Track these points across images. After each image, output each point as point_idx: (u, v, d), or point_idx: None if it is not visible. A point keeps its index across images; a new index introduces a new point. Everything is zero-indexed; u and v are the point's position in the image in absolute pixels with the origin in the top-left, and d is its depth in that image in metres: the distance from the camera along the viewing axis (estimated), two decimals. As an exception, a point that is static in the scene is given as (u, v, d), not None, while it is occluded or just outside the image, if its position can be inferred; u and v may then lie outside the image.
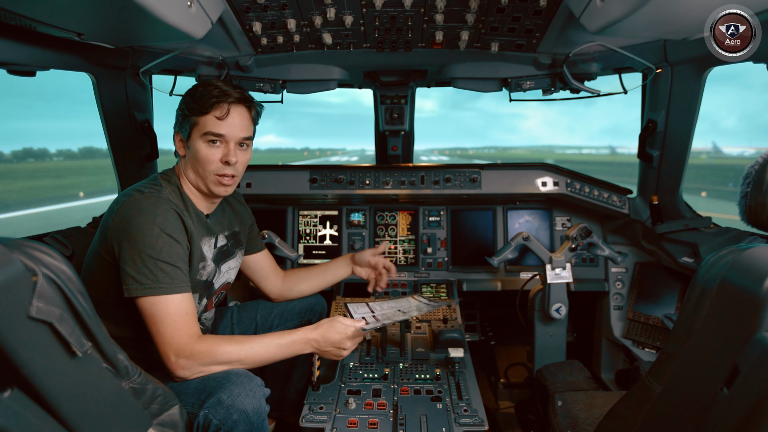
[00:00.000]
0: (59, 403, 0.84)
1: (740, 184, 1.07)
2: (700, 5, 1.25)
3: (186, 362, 1.44)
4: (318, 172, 2.73)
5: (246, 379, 1.42)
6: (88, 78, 2.14)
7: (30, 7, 1.28)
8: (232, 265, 1.90)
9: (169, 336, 1.45)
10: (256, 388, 1.42)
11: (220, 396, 1.36)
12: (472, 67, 2.24)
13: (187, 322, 1.48)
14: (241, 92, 1.67)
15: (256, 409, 1.39)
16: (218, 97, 1.60)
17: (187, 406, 1.38)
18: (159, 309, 1.45)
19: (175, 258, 1.50)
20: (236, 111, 1.64)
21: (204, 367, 1.47)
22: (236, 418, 1.35)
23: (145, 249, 1.44)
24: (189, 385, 1.45)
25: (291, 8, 1.78)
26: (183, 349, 1.44)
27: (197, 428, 1.35)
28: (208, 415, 1.34)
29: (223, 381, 1.41)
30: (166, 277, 1.46)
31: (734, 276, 0.93)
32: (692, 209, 2.34)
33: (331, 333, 1.65)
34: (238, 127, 1.64)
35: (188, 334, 1.47)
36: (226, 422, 1.35)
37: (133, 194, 1.53)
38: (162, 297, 1.45)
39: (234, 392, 1.37)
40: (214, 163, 1.62)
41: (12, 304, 0.75)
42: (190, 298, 1.53)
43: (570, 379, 2.16)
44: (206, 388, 1.41)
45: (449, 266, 2.88)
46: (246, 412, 1.36)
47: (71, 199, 17.46)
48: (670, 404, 1.10)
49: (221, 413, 1.34)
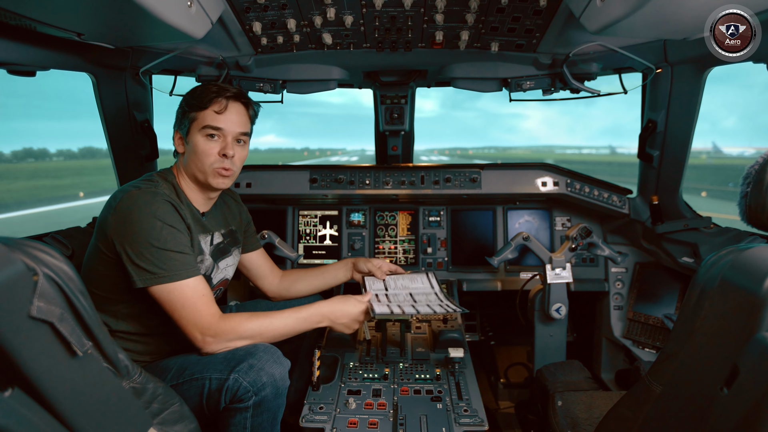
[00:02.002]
0: (60, 402, 0.84)
1: (740, 184, 1.07)
2: (700, 5, 1.25)
3: (212, 340, 1.53)
4: (318, 172, 2.73)
5: (272, 348, 1.54)
6: (88, 78, 2.14)
7: (30, 7, 1.28)
8: (229, 263, 1.92)
9: (192, 318, 1.52)
10: (281, 357, 1.53)
11: (250, 361, 1.46)
12: (472, 67, 2.24)
13: (207, 302, 1.55)
14: (239, 90, 1.74)
15: (282, 375, 1.50)
16: (216, 93, 1.67)
17: (215, 374, 1.46)
18: (177, 295, 1.51)
19: (181, 246, 1.55)
20: (234, 106, 1.70)
21: (229, 342, 1.55)
22: (265, 381, 1.45)
23: (150, 241, 1.48)
24: (217, 356, 1.53)
25: (291, 8, 1.78)
26: (208, 329, 1.52)
27: (226, 392, 1.44)
28: (239, 378, 1.43)
29: (251, 349, 1.51)
30: (177, 264, 1.51)
31: (734, 276, 0.93)
32: (692, 209, 2.34)
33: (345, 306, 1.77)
34: (236, 122, 1.70)
35: (210, 313, 1.54)
36: (255, 384, 1.44)
37: (129, 190, 1.56)
38: (177, 283, 1.51)
39: (263, 358, 1.48)
40: (212, 156, 1.67)
41: (13, 303, 0.75)
42: (203, 280, 1.59)
43: (570, 379, 2.16)
44: (235, 356, 1.49)
45: (449, 266, 2.88)
46: (274, 376, 1.47)
47: (71, 199, 17.45)
48: (670, 404, 1.10)
49: (252, 376, 1.44)
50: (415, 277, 2.20)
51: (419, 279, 2.19)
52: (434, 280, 2.19)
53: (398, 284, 2.13)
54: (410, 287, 2.12)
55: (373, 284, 2.11)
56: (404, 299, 1.97)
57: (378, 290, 2.06)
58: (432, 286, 2.14)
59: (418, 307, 1.89)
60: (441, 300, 2.00)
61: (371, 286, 2.08)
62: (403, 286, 2.12)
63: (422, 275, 2.22)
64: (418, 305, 1.92)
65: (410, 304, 1.92)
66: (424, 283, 2.16)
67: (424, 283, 2.15)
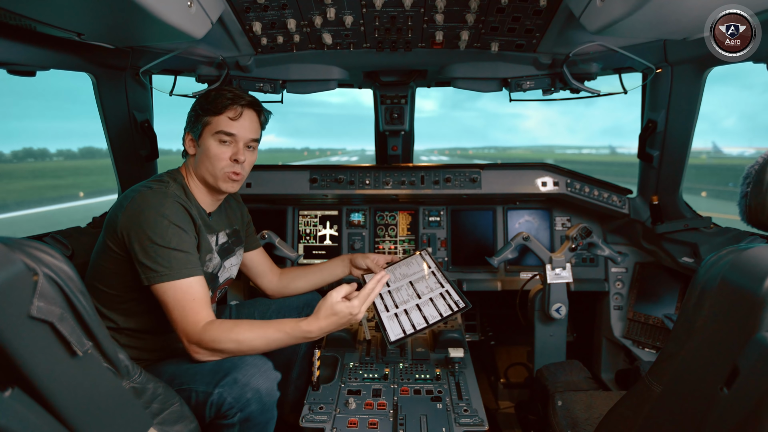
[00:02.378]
0: (60, 402, 0.84)
1: (740, 184, 1.07)
2: (700, 5, 1.24)
3: (196, 348, 1.51)
4: (318, 172, 2.73)
5: (260, 361, 1.49)
6: (88, 78, 2.14)
7: (30, 7, 1.28)
8: (233, 262, 1.96)
9: (178, 322, 1.51)
10: (269, 370, 1.49)
11: (235, 375, 1.42)
12: (472, 67, 2.24)
13: (194, 308, 1.52)
14: (254, 98, 1.79)
15: (269, 390, 1.46)
16: (232, 100, 1.71)
17: (201, 386, 1.43)
18: (169, 295, 1.51)
19: (183, 245, 1.55)
20: (248, 114, 1.74)
21: (212, 354, 1.52)
22: (250, 397, 1.41)
23: (155, 239, 1.50)
24: (204, 366, 1.50)
25: (291, 8, 1.78)
26: (191, 336, 1.50)
27: (211, 407, 1.40)
28: (223, 393, 1.40)
29: (238, 362, 1.47)
30: (177, 262, 1.52)
31: (734, 276, 0.93)
32: (692, 209, 2.34)
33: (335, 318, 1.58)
34: (248, 129, 1.74)
35: (194, 320, 1.51)
36: (239, 400, 1.40)
37: (141, 190, 1.59)
38: (171, 283, 1.51)
39: (249, 372, 1.43)
40: (223, 161, 1.71)
41: (13, 303, 0.75)
42: (199, 282, 1.56)
43: (570, 379, 2.16)
44: (221, 368, 1.46)
45: (449, 266, 2.88)
46: (259, 391, 1.42)
47: (71, 199, 17.46)
48: (670, 404, 1.10)
49: (236, 391, 1.40)
50: (411, 261, 2.22)
51: (414, 262, 2.21)
52: (428, 258, 2.21)
53: (397, 275, 2.15)
54: (409, 275, 2.14)
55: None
56: (408, 296, 1.99)
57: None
58: (429, 265, 2.15)
59: (423, 308, 1.91)
60: (442, 285, 1.99)
61: None
62: (402, 275, 2.14)
63: (416, 257, 2.23)
64: (423, 305, 1.92)
65: (415, 304, 1.93)
66: (420, 264, 2.17)
67: (420, 265, 2.17)
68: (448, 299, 1.91)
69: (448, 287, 1.98)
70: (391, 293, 2.03)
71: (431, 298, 1.95)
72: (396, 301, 1.97)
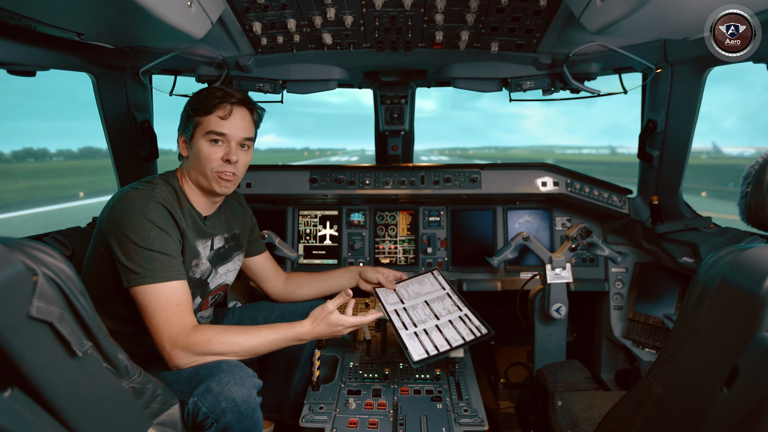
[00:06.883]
0: (59, 402, 0.84)
1: (740, 184, 1.07)
2: (700, 5, 1.25)
3: (180, 352, 1.46)
4: (318, 172, 2.73)
5: (237, 369, 1.43)
6: (88, 78, 2.14)
7: (30, 7, 1.28)
8: (230, 268, 1.91)
9: (161, 326, 1.46)
10: (246, 377, 1.42)
11: (209, 384, 1.37)
12: (472, 67, 2.24)
13: (179, 312, 1.49)
14: (244, 95, 1.73)
15: (245, 398, 1.39)
16: (222, 98, 1.66)
17: (177, 394, 1.38)
18: (150, 299, 1.46)
19: (166, 248, 1.51)
20: (238, 112, 1.69)
21: (199, 356, 1.47)
22: (224, 406, 1.36)
23: (137, 241, 1.47)
24: (181, 373, 1.46)
25: (291, 8, 1.78)
26: (177, 340, 1.45)
27: (187, 416, 1.36)
28: (198, 402, 1.35)
29: (214, 369, 1.41)
30: (158, 264, 1.48)
31: (734, 276, 0.93)
32: (692, 209, 2.34)
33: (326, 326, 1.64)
34: (240, 128, 1.69)
35: (180, 324, 1.47)
36: (214, 410, 1.35)
37: (127, 191, 1.56)
38: (152, 286, 1.46)
39: (223, 380, 1.38)
40: (215, 161, 1.66)
41: (12, 303, 0.75)
42: (182, 287, 1.53)
43: (570, 379, 2.16)
44: (197, 376, 1.41)
45: (449, 266, 2.88)
46: (234, 401, 1.37)
47: (71, 199, 17.46)
48: (670, 404, 1.10)
49: (210, 401, 1.35)
50: (423, 280, 2.17)
51: (427, 281, 2.15)
52: (441, 278, 2.17)
53: (410, 292, 2.09)
54: (422, 293, 2.07)
55: (387, 297, 2.04)
56: (425, 315, 1.91)
57: (394, 303, 1.99)
58: (443, 286, 2.11)
59: (443, 329, 1.82)
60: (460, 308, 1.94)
61: (386, 300, 2.00)
62: (415, 293, 2.08)
63: (429, 276, 2.19)
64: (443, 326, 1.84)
65: (434, 324, 1.85)
66: (433, 284, 2.12)
67: (433, 285, 2.12)
68: (468, 323, 1.84)
69: (467, 311, 1.90)
70: (407, 311, 1.94)
71: (450, 321, 1.87)
72: (414, 320, 1.88)
